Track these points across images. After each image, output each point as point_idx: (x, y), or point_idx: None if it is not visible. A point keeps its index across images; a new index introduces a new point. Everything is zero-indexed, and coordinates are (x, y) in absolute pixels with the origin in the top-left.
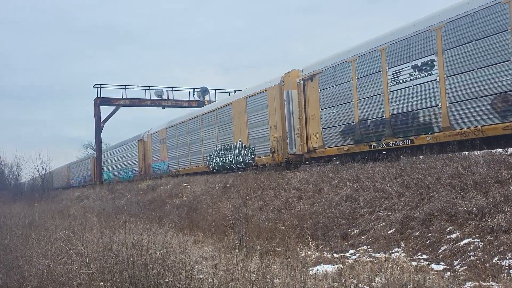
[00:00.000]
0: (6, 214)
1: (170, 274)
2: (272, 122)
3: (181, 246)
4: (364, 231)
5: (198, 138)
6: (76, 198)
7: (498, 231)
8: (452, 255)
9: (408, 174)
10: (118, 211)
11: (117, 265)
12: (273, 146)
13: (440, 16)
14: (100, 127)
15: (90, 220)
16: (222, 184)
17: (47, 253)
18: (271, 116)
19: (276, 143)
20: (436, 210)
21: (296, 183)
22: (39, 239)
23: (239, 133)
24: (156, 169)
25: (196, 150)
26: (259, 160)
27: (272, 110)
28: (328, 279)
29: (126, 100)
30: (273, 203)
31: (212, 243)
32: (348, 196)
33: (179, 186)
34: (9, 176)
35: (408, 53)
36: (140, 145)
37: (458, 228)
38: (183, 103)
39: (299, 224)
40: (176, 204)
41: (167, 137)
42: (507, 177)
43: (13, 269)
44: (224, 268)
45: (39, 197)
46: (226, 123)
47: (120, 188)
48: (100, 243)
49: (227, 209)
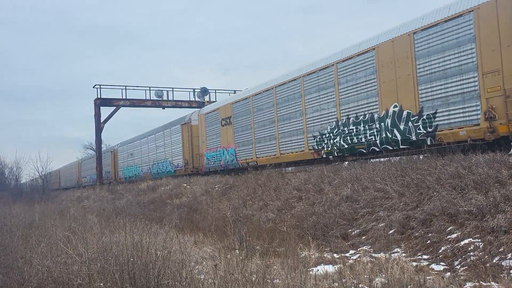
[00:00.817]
0: (6, 215)
1: (171, 275)
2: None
3: (181, 246)
4: (365, 231)
5: (297, 111)
6: (76, 198)
7: (498, 231)
8: (452, 255)
9: (408, 174)
10: (118, 211)
11: (117, 265)
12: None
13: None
14: (100, 128)
15: (90, 220)
16: (222, 184)
17: (47, 254)
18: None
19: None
20: (436, 210)
21: (296, 183)
22: (39, 240)
23: (393, 95)
24: (213, 160)
25: (290, 129)
26: (446, 134)
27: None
28: (328, 279)
29: (126, 100)
30: (273, 203)
31: (212, 243)
32: (348, 196)
33: (179, 187)
34: (9, 177)
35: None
36: (186, 130)
37: (458, 228)
38: (183, 104)
39: (299, 224)
40: (176, 204)
41: (233, 116)
42: (507, 177)
43: (13, 270)
44: (224, 269)
45: (39, 198)
46: (360, 81)
47: (120, 189)
48: (100, 243)
49: (227, 210)
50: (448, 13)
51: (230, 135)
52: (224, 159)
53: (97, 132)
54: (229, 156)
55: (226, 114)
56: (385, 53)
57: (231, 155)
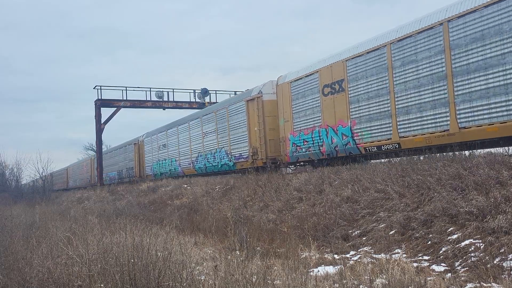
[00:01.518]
0: (7, 216)
1: (171, 276)
2: None
3: (181, 247)
4: (365, 232)
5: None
6: (77, 199)
7: (499, 232)
8: (453, 256)
9: (408, 175)
10: (118, 212)
11: (117, 266)
12: None
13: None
14: (101, 129)
15: (90, 221)
16: (223, 185)
17: (47, 255)
18: None
19: None
20: (437, 211)
21: (297, 184)
22: (40, 241)
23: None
24: (306, 145)
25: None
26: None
27: None
28: (329, 280)
29: (126, 101)
30: (273, 204)
31: (213, 244)
32: (349, 197)
33: (179, 188)
34: (9, 178)
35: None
36: (254, 107)
37: (459, 229)
38: (183, 105)
39: (300, 225)
40: (177, 205)
41: (347, 78)
42: (508, 178)
43: (14, 271)
44: (225, 270)
45: (40, 199)
46: None
47: (120, 190)
48: (101, 244)
49: (227, 211)
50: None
51: (342, 107)
52: (328, 143)
53: (97, 133)
54: (339, 138)
55: (333, 77)
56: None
57: (343, 137)
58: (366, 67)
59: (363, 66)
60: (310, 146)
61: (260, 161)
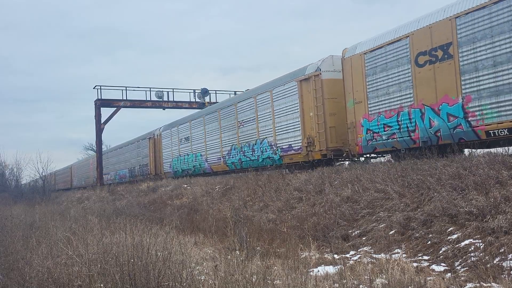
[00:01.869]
0: (7, 216)
1: (171, 276)
2: None
3: (181, 247)
4: (365, 232)
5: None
6: (77, 199)
7: (499, 232)
8: (453, 256)
9: (408, 175)
10: (118, 212)
11: (117, 266)
12: None
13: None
14: (101, 129)
15: (90, 221)
16: (223, 185)
17: (47, 255)
18: None
19: None
20: (437, 211)
21: (297, 184)
22: (40, 241)
23: None
24: (388, 132)
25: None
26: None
27: None
28: (329, 280)
29: (126, 101)
30: (273, 204)
31: (213, 244)
32: (349, 197)
33: (179, 188)
34: (9, 178)
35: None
36: (308, 89)
37: (459, 229)
38: (183, 105)
39: (300, 225)
40: (177, 205)
41: (458, 41)
42: (507, 177)
43: (14, 271)
44: (225, 270)
45: (40, 199)
46: None
47: (120, 190)
48: (101, 244)
49: (227, 210)
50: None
51: (448, 80)
52: (424, 128)
53: (97, 133)
54: (442, 119)
55: (433, 41)
56: None
57: (449, 118)
58: (491, 23)
59: (486, 22)
60: (395, 132)
61: (317, 153)
